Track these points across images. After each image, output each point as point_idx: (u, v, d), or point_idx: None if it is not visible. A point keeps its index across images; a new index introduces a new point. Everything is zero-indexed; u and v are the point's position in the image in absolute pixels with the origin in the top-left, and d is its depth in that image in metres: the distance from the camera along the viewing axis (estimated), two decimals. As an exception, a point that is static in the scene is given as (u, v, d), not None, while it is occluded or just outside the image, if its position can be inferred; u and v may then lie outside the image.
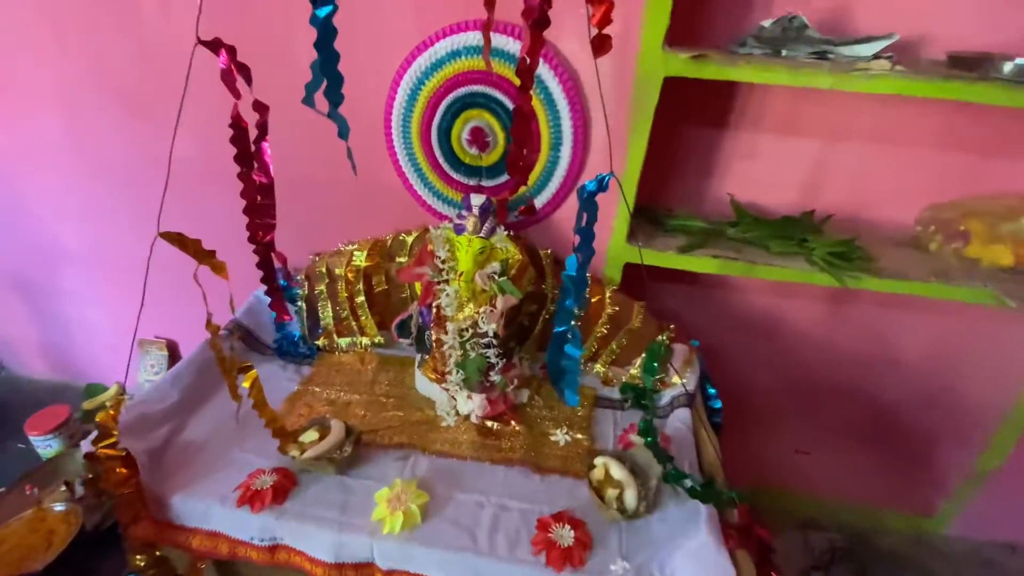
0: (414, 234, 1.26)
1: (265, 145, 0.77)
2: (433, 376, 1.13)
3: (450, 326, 1.05)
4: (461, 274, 1.03)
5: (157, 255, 0.73)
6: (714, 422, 1.15)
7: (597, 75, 0.87)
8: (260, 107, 0.73)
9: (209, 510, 0.93)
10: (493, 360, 1.06)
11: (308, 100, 0.64)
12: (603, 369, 1.23)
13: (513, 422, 1.09)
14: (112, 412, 0.88)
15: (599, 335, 1.21)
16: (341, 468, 0.97)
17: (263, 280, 0.89)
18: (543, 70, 1.06)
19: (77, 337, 1.83)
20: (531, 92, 0.71)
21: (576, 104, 1.08)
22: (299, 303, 1.33)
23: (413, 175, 1.21)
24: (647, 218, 1.22)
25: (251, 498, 0.92)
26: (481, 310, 1.04)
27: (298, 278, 1.34)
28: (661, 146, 1.10)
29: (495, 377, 1.07)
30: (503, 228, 1.08)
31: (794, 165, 1.21)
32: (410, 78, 1.09)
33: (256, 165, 0.78)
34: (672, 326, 1.21)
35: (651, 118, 1.02)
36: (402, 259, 1.27)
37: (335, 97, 0.63)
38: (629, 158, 1.07)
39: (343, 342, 1.32)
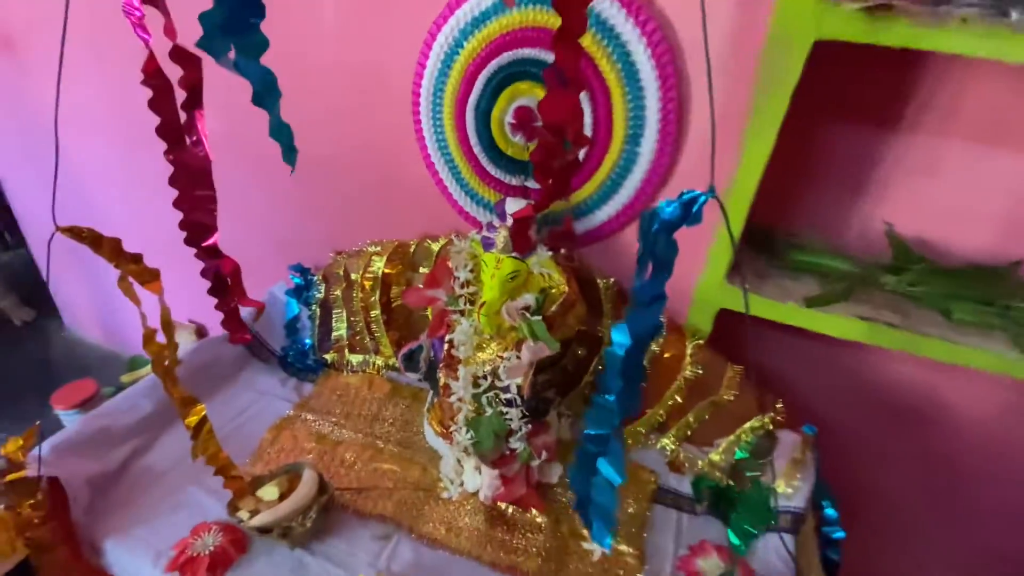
0: (441, 241, 1.01)
1: (200, 114, 0.55)
2: (439, 429, 0.87)
3: (462, 371, 0.79)
4: (483, 304, 0.76)
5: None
6: (830, 559, 0.79)
7: (704, 32, 0.54)
8: (185, 59, 0.51)
9: (139, 570, 0.75)
10: (515, 425, 0.78)
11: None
12: (672, 446, 0.90)
13: (535, 510, 0.81)
14: (23, 443, 0.71)
15: (671, 403, 0.89)
16: (298, 542, 0.75)
17: (210, 292, 0.68)
18: (620, 20, 0.73)
19: (125, 307, 1.81)
20: (580, 43, 0.42)
21: (669, 77, 0.75)
22: (313, 307, 1.13)
23: (443, 168, 0.95)
24: (759, 244, 0.87)
25: (184, 565, 0.72)
26: (505, 355, 0.77)
27: (315, 279, 1.15)
28: (791, 145, 0.75)
29: (517, 445, 0.80)
30: (544, 247, 0.79)
31: (996, 190, 0.80)
32: (445, 39, 0.83)
33: (190, 141, 0.56)
34: (780, 404, 0.86)
35: (786, 103, 0.68)
36: (426, 269, 1.02)
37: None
38: (744, 161, 0.73)
39: (354, 359, 1.11)
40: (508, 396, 0.77)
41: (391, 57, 0.91)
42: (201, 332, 1.60)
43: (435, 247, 1.01)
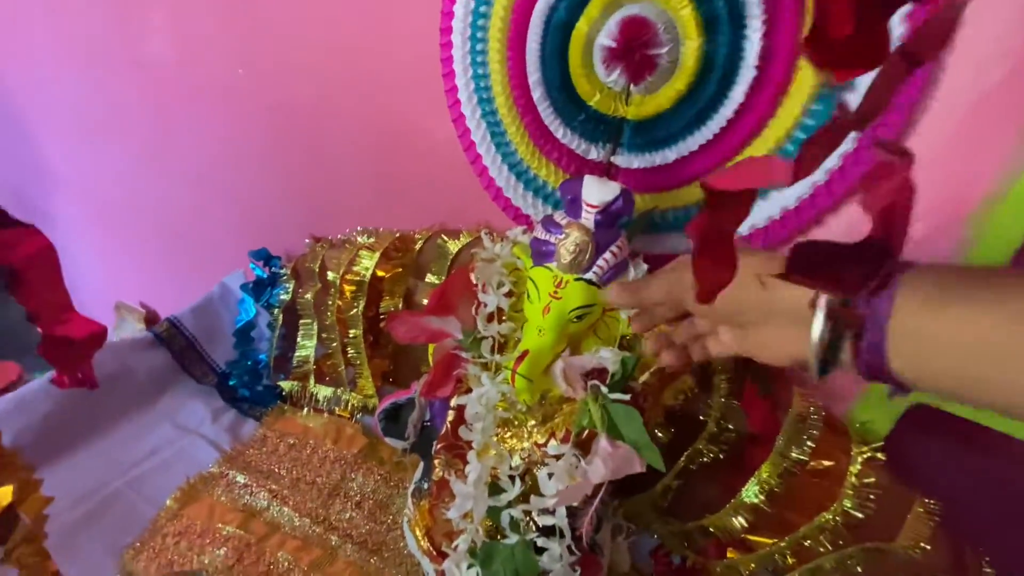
0: (463, 239, 0.67)
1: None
2: (424, 545, 0.54)
3: (474, 463, 0.45)
4: (523, 355, 0.42)
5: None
6: None
7: None
8: None
9: None
10: (555, 569, 0.44)
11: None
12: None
13: None
14: None
15: (807, 542, 0.54)
16: None
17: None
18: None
19: (72, 273, 1.53)
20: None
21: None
22: (276, 312, 0.81)
23: (478, 124, 0.57)
24: None
25: None
26: (552, 448, 0.43)
27: (284, 273, 0.83)
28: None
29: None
30: (643, 262, 0.45)
31: None
32: None
33: None
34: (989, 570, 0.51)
35: None
36: (436, 279, 0.69)
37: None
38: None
39: (321, 393, 0.78)
40: (549, 522, 0.44)
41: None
42: (152, 319, 1.29)
43: (453, 247, 0.67)
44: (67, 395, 0.67)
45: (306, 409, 0.78)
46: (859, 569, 0.55)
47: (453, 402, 0.50)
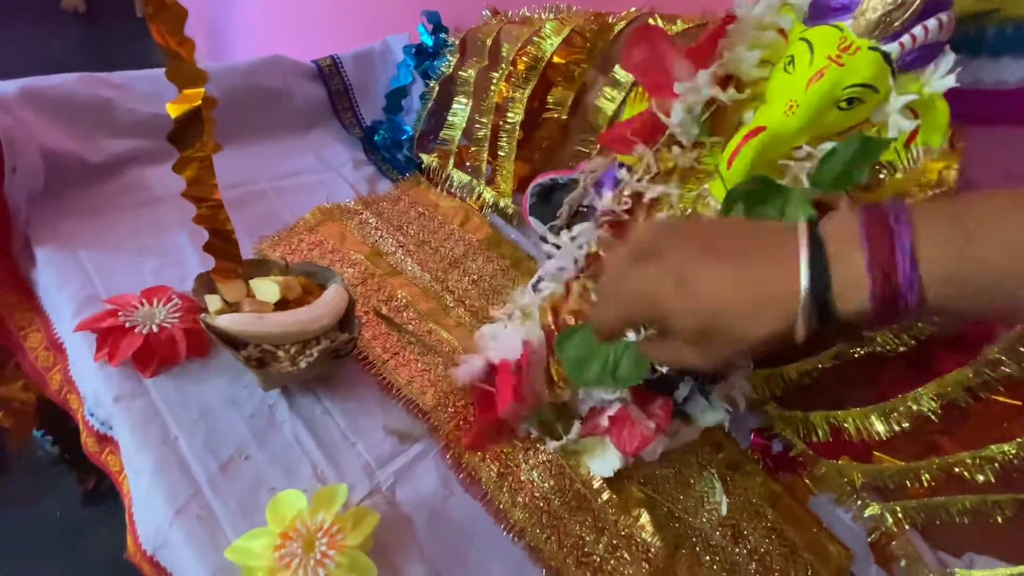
0: (680, 26, 0.58)
1: None
2: (547, 319, 0.52)
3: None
4: (755, 133, 0.36)
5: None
6: None
7: None
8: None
9: (59, 308, 0.49)
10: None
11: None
12: (891, 524, 0.51)
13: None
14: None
15: (960, 469, 0.48)
16: (274, 382, 0.45)
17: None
18: None
19: (240, 21, 1.57)
20: None
21: None
22: (432, 84, 0.78)
23: None
24: None
25: (105, 331, 0.45)
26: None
27: (450, 43, 0.78)
28: None
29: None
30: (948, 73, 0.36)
31: None
32: None
33: None
34: None
35: None
36: (623, 76, 0.61)
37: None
38: None
39: (457, 178, 0.76)
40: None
41: None
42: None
43: (672, 27, 0.58)
44: (228, 91, 0.68)
45: (439, 188, 0.77)
46: (998, 519, 0.49)
47: (625, 180, 0.44)
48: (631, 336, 0.38)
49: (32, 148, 0.52)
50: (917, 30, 0.34)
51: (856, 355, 0.51)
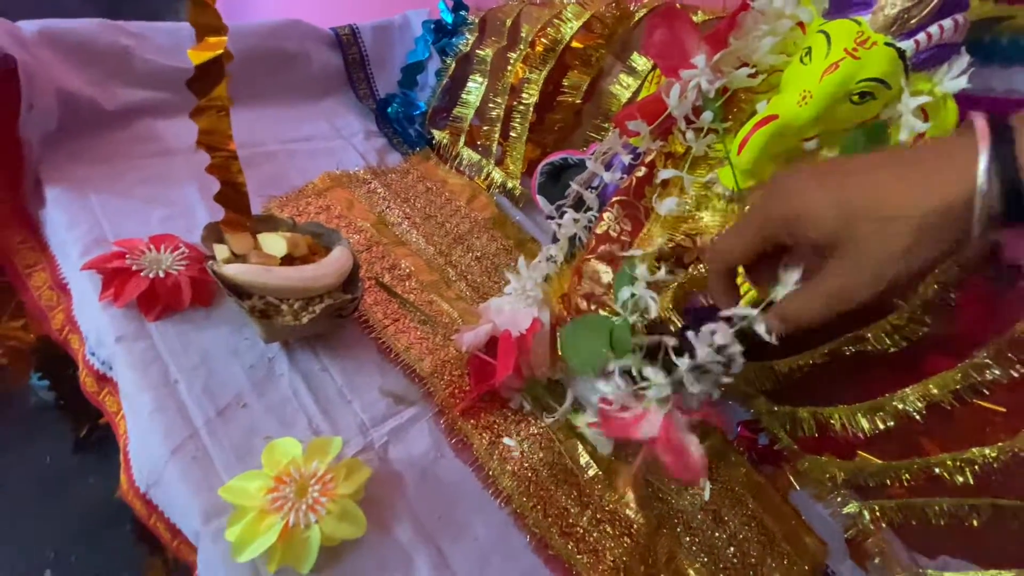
0: (702, 16, 0.58)
1: None
2: (552, 300, 0.52)
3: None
4: (767, 121, 0.36)
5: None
6: None
7: None
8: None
9: (67, 248, 0.49)
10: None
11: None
12: (868, 523, 0.53)
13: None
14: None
15: (940, 470, 0.49)
16: (277, 335, 0.46)
17: None
18: None
19: None
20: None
21: None
22: (448, 61, 0.78)
23: None
24: None
25: (111, 272, 0.45)
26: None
27: (469, 22, 0.78)
28: None
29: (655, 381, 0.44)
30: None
31: None
32: None
33: None
34: None
35: None
36: (641, 63, 0.62)
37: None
38: None
39: (467, 156, 0.76)
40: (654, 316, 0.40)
41: None
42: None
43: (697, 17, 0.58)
44: (246, 51, 0.68)
45: (448, 165, 0.77)
46: (974, 523, 0.50)
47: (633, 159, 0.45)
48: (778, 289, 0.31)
49: (49, 88, 0.52)
50: (933, 28, 0.34)
51: (848, 353, 0.52)
